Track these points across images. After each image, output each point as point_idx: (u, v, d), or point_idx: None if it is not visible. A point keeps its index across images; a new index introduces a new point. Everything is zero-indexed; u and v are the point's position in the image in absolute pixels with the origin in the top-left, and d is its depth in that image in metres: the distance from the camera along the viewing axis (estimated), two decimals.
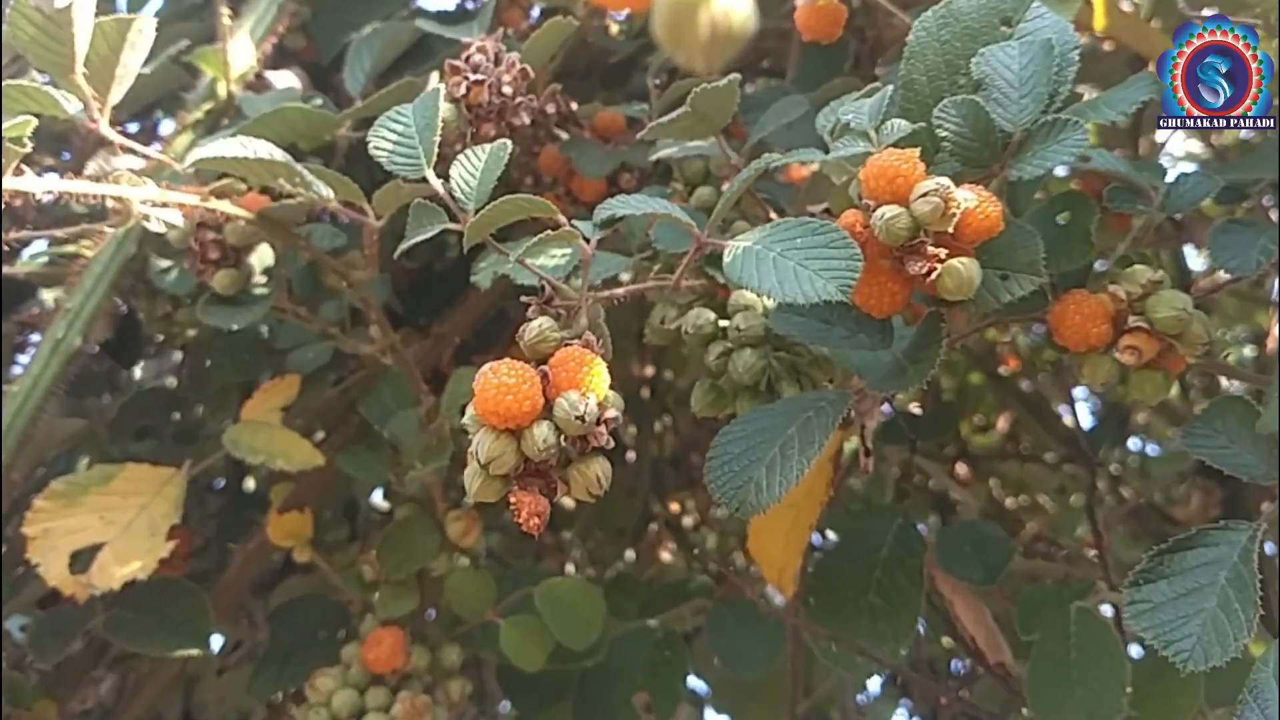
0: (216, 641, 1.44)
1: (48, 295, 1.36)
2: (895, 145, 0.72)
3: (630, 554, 2.30)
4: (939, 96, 0.75)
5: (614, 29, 1.38)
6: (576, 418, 0.67)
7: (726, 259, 0.69)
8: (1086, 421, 1.96)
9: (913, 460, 1.21)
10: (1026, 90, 0.73)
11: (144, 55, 0.92)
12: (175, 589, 1.09)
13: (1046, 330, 0.78)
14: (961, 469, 2.27)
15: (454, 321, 1.26)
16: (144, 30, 0.90)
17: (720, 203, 0.74)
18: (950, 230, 0.68)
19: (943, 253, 0.68)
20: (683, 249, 0.85)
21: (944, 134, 0.73)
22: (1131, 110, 0.75)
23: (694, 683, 1.76)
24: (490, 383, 0.67)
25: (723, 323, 0.85)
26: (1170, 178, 0.84)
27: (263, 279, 1.08)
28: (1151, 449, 2.44)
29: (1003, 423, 2.41)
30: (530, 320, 0.72)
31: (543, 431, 0.67)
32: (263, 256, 1.10)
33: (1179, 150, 1.91)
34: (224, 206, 0.95)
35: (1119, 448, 2.26)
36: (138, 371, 1.73)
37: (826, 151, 0.79)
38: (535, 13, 1.34)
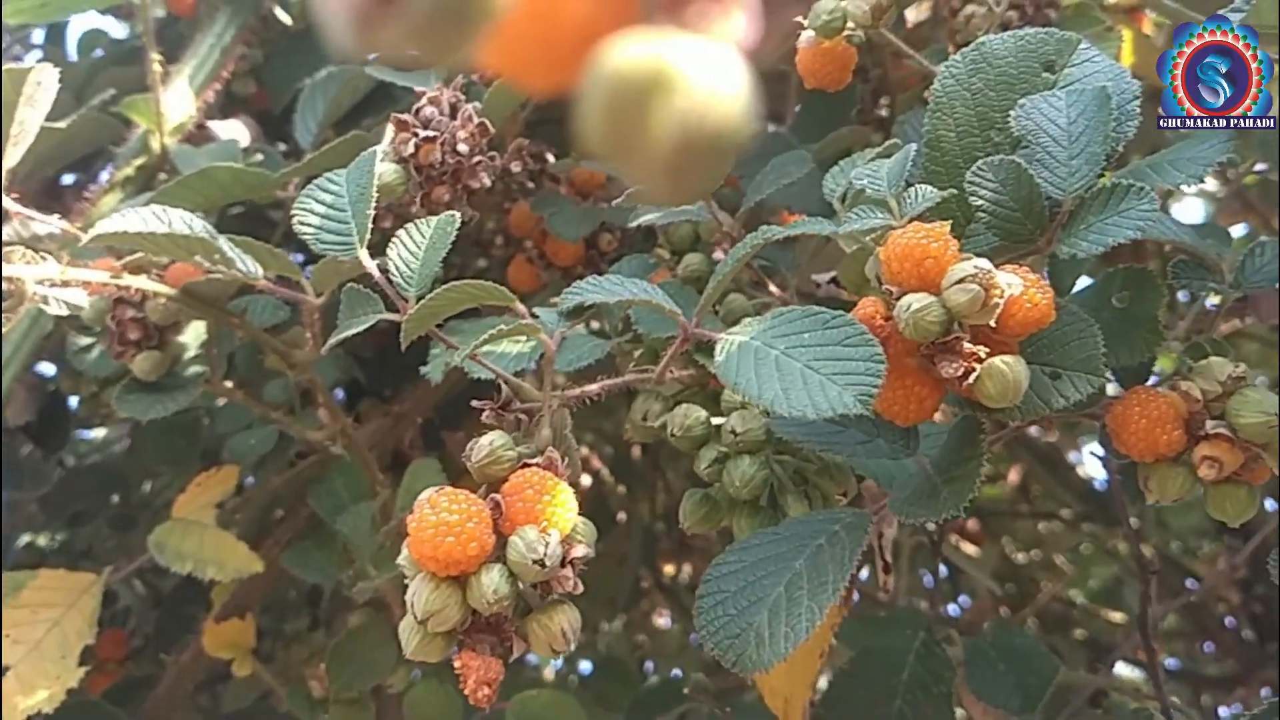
0: None
1: None
2: (920, 217, 0.60)
3: (625, 617, 2.18)
4: (971, 157, 0.63)
5: None
6: (535, 561, 0.54)
7: (718, 357, 0.57)
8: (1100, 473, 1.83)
9: (938, 548, 1.07)
10: (1078, 149, 0.60)
11: (45, 111, 0.79)
12: (94, 713, 0.96)
13: (1102, 428, 0.66)
14: (972, 524, 2.15)
15: (415, 398, 1.12)
16: (43, 83, 0.78)
17: (709, 287, 0.62)
18: (991, 323, 0.56)
19: (982, 351, 0.56)
20: (667, 333, 0.72)
21: (979, 202, 0.61)
22: (1207, 174, 0.62)
23: None
24: (427, 520, 0.54)
25: (716, 420, 0.72)
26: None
27: (197, 357, 0.95)
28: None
29: (1014, 475, 2.29)
30: (480, 436, 0.59)
31: (493, 579, 0.54)
32: (197, 332, 0.97)
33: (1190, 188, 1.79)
34: (140, 283, 0.82)
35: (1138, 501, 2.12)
36: (101, 434, 1.60)
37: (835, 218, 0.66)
38: None
